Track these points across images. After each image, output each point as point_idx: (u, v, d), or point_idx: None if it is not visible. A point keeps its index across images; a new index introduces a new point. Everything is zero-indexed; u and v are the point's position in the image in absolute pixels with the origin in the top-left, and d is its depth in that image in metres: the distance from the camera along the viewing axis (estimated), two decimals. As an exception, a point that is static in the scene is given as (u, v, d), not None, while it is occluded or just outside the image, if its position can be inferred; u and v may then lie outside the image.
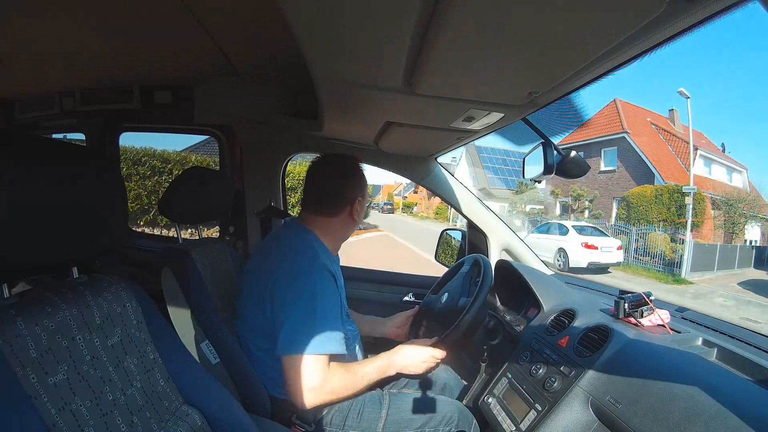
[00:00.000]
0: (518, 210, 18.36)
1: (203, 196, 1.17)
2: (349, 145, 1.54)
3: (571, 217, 15.15)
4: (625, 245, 11.75)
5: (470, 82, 0.76)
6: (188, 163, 8.11)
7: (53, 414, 0.53)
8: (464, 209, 1.62)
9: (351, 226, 1.11)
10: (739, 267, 12.57)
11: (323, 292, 0.96)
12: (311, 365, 0.92)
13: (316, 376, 0.92)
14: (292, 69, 1.29)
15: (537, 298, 1.21)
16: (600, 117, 15.83)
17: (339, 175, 1.08)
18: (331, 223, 1.08)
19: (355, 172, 1.11)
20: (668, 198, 12.65)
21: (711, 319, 1.05)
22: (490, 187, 20.31)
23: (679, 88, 15.55)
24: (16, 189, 0.51)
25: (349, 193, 1.08)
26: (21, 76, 1.56)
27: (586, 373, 0.86)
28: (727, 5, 0.47)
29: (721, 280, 10.94)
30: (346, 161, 1.11)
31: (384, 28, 0.59)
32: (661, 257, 11.26)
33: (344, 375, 0.97)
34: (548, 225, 11.80)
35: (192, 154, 8.95)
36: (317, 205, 1.08)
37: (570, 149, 1.10)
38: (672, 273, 10.78)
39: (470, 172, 21.60)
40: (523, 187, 18.65)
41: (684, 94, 12.54)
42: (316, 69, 0.79)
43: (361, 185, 1.11)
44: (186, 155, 8.48)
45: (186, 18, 1.00)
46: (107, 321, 0.65)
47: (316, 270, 0.97)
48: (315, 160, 1.12)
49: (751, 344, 0.87)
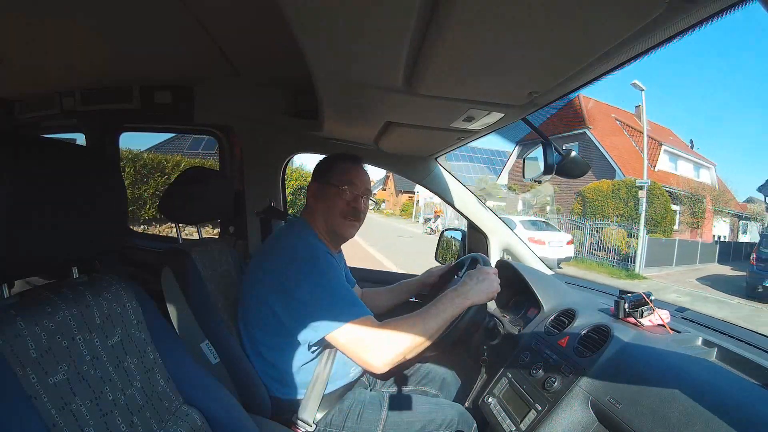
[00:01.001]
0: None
1: (203, 196, 1.17)
2: (349, 145, 1.54)
3: (531, 212, 15.14)
4: (581, 240, 11.75)
5: (470, 82, 0.76)
6: (140, 161, 8.09)
7: (53, 414, 0.53)
8: (464, 209, 1.62)
9: (318, 216, 1.09)
10: (702, 262, 12.55)
11: (329, 268, 0.96)
12: (362, 329, 0.89)
13: (375, 334, 0.88)
14: (292, 69, 1.29)
15: (537, 298, 1.21)
16: (564, 113, 15.88)
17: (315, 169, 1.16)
18: (308, 212, 1.12)
19: (323, 159, 1.16)
20: (626, 192, 12.61)
21: (711, 319, 1.05)
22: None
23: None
24: (16, 189, 0.51)
25: (312, 180, 1.14)
26: (21, 76, 1.55)
27: (586, 373, 0.86)
28: (727, 5, 0.47)
29: (679, 275, 10.88)
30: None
31: (384, 29, 0.59)
32: (616, 252, 11.23)
33: (403, 322, 0.91)
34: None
35: (149, 152, 8.74)
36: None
37: (569, 149, 1.10)
38: (626, 268, 10.73)
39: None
40: (483, 182, 18.62)
41: (638, 86, 12.54)
42: (316, 69, 0.79)
43: (318, 171, 1.13)
44: (137, 154, 8.31)
45: (186, 18, 1.00)
46: (107, 321, 0.65)
47: (314, 253, 0.98)
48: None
49: (751, 344, 0.87)
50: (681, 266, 11.71)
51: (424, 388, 1.26)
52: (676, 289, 8.90)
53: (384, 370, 0.88)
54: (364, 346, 0.87)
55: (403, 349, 0.87)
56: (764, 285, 8.20)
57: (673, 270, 11.38)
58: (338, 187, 1.08)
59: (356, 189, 1.09)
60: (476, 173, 21.81)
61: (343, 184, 1.08)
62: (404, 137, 1.27)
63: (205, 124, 1.74)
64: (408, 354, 0.88)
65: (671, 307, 1.11)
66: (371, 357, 0.87)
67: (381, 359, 0.87)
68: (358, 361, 0.89)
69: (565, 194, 14.88)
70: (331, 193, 1.08)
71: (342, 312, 0.90)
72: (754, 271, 8.56)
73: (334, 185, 1.08)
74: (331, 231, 1.09)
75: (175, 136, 9.96)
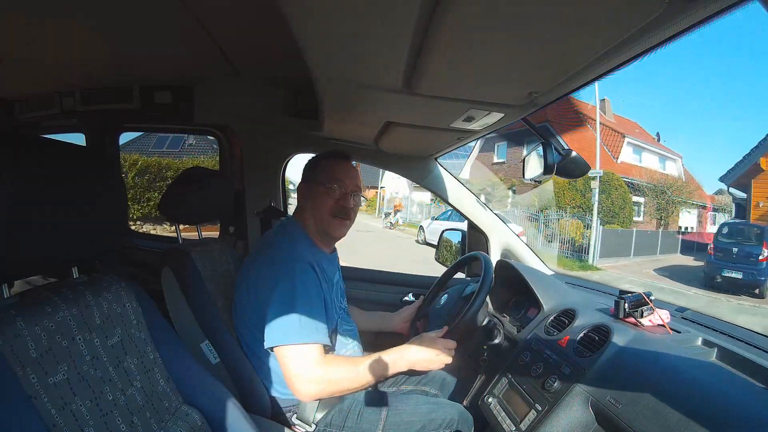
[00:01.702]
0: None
1: (203, 196, 1.17)
2: (349, 145, 1.54)
3: (491, 205, 15.10)
4: (535, 232, 11.72)
5: (470, 82, 0.76)
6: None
7: (53, 414, 0.53)
8: (464, 209, 1.62)
9: (307, 215, 1.09)
10: (663, 253, 12.42)
11: (303, 281, 0.95)
12: (303, 355, 0.91)
13: (311, 365, 0.91)
14: (292, 69, 1.29)
15: (537, 298, 1.21)
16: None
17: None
18: (302, 213, 1.11)
19: (311, 159, 1.16)
20: (582, 184, 12.49)
21: (711, 319, 1.05)
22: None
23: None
24: (16, 189, 0.51)
25: (301, 179, 1.13)
26: (21, 76, 1.56)
27: (586, 373, 0.86)
28: (727, 5, 0.47)
29: (637, 266, 10.75)
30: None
31: (384, 28, 0.59)
32: (570, 243, 11.16)
33: (344, 365, 0.96)
34: (449, 211, 11.61)
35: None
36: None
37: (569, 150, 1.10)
38: (580, 259, 10.65)
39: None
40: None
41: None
42: (316, 69, 0.80)
43: (306, 170, 1.13)
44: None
45: (186, 18, 1.00)
46: (107, 321, 0.65)
47: (293, 260, 0.97)
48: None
49: (751, 344, 0.87)
50: (639, 257, 11.57)
51: (423, 387, 1.26)
52: (631, 280, 8.71)
53: (307, 400, 0.96)
54: (296, 374, 0.92)
55: (331, 389, 0.95)
56: (722, 275, 8.13)
57: (631, 261, 11.25)
58: (326, 186, 1.06)
59: (344, 187, 1.07)
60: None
61: (331, 182, 1.07)
62: (404, 137, 1.27)
63: (205, 124, 1.74)
64: (334, 394, 0.96)
65: (671, 307, 1.11)
66: (299, 385, 0.92)
67: (307, 392, 0.93)
68: (287, 383, 0.94)
69: (526, 187, 14.75)
70: (319, 192, 1.07)
71: (292, 330, 0.92)
72: (712, 261, 8.50)
73: (321, 184, 1.07)
74: (322, 231, 1.09)
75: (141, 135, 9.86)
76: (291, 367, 0.92)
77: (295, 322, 0.92)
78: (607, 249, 10.70)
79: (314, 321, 0.94)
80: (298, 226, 1.09)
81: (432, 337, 1.04)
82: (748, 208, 11.51)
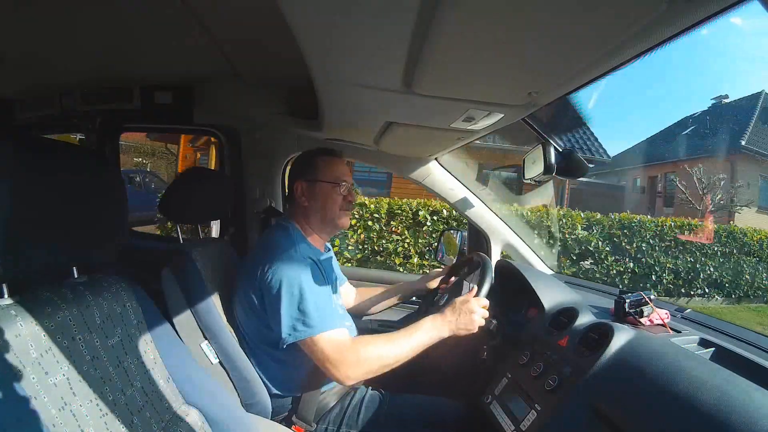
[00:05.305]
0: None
1: (203, 196, 1.17)
2: (349, 145, 1.54)
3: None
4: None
5: (470, 82, 0.76)
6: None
7: (53, 414, 0.53)
8: (465, 209, 1.62)
9: (311, 213, 1.11)
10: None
11: (307, 275, 0.97)
12: (335, 341, 0.92)
13: (346, 348, 0.92)
14: (292, 69, 1.29)
15: (537, 298, 1.21)
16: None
17: (292, 164, 1.17)
18: (297, 212, 1.12)
19: (301, 158, 1.17)
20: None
21: (711, 319, 1.05)
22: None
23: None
24: (16, 189, 0.51)
25: (291, 178, 1.14)
26: (21, 76, 1.55)
27: (587, 373, 0.86)
28: (727, 5, 0.47)
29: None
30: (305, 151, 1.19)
31: (384, 29, 0.59)
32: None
33: (380, 341, 0.96)
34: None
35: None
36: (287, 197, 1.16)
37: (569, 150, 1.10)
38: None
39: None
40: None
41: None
42: (316, 69, 0.79)
43: (303, 170, 1.13)
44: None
45: (186, 18, 1.00)
46: (107, 321, 0.65)
47: (295, 257, 0.98)
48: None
49: (751, 344, 0.87)
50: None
51: (423, 384, 1.26)
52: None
53: (349, 384, 0.94)
54: (336, 359, 0.91)
55: (373, 368, 0.94)
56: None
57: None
58: (333, 184, 1.10)
59: (348, 182, 1.13)
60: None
61: (337, 179, 1.10)
62: (404, 138, 1.27)
63: (206, 124, 1.74)
64: (375, 373, 0.95)
65: (671, 306, 1.11)
66: (342, 370, 0.91)
67: (349, 375, 0.92)
68: (326, 372, 0.93)
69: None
70: (326, 190, 1.10)
71: (315, 320, 0.92)
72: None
73: (327, 182, 1.10)
74: (331, 224, 1.11)
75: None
76: (327, 355, 0.91)
77: (313, 312, 0.92)
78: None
79: (331, 308, 0.96)
80: (295, 225, 1.10)
81: (464, 299, 1.05)
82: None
